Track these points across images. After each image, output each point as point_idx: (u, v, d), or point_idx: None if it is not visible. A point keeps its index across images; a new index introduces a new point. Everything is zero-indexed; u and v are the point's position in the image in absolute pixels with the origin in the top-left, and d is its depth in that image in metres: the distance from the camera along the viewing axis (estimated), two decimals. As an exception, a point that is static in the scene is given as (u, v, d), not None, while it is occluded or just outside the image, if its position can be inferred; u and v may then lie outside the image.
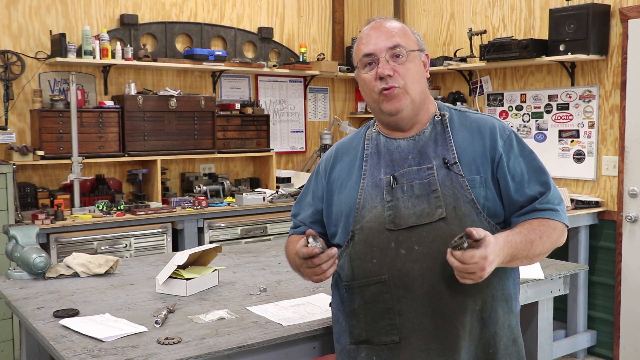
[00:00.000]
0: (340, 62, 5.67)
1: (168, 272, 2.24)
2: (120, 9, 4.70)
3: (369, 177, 1.73)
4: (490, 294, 1.66)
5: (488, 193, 1.65)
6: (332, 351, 1.99)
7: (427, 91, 1.76)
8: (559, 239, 1.67)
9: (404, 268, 1.62)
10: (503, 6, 4.88)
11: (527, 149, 1.71)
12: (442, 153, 1.68)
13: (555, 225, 1.65)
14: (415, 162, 1.69)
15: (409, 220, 1.63)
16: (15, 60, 4.28)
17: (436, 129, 1.73)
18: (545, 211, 1.65)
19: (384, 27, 1.71)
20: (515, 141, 1.70)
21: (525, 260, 1.61)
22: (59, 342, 1.77)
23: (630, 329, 4.16)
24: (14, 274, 2.49)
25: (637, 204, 4.14)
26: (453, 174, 1.65)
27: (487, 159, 1.67)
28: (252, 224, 4.73)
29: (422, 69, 1.73)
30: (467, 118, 1.75)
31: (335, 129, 5.66)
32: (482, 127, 1.71)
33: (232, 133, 4.97)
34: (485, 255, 1.45)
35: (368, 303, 1.68)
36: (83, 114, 4.28)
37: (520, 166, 1.68)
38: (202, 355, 1.69)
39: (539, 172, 1.69)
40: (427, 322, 1.62)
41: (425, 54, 1.75)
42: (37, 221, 3.79)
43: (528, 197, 1.66)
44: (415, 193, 1.65)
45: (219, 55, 4.87)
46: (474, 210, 1.62)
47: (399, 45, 1.67)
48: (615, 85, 4.24)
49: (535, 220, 1.64)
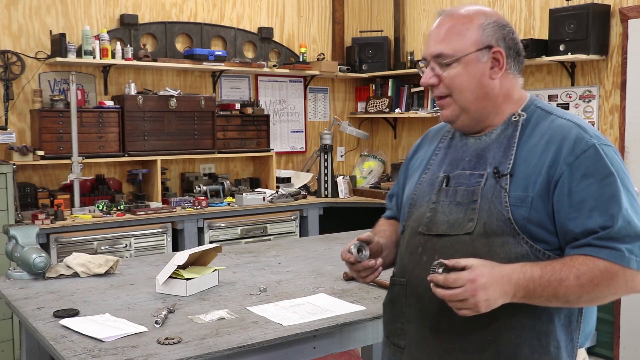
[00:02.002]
0: (340, 62, 5.67)
1: (168, 272, 2.24)
2: (120, 9, 4.70)
3: (430, 172, 1.63)
4: (510, 324, 1.44)
5: (532, 215, 1.42)
6: (332, 351, 1.99)
7: (495, 93, 1.53)
8: (617, 286, 1.37)
9: (421, 276, 1.51)
10: (503, 6, 4.88)
11: (607, 170, 1.40)
12: (500, 161, 1.50)
13: (609, 268, 1.35)
14: (471, 165, 1.55)
15: (440, 227, 1.52)
16: (15, 60, 4.28)
17: (507, 132, 1.54)
18: (600, 248, 1.36)
19: (441, 26, 1.55)
20: (593, 157, 1.41)
21: (555, 301, 1.37)
22: (59, 342, 1.77)
23: (630, 329, 4.16)
24: (14, 274, 2.48)
25: (637, 204, 4.14)
26: (498, 186, 1.46)
27: (544, 175, 1.43)
28: (252, 224, 4.73)
29: (484, 71, 1.52)
30: (549, 122, 1.51)
31: (335, 129, 5.66)
32: (554, 137, 1.46)
33: (232, 133, 4.97)
34: (472, 277, 1.32)
35: (391, 302, 1.64)
36: (83, 114, 4.28)
37: (587, 190, 1.39)
38: (202, 355, 1.69)
39: (611, 201, 1.38)
40: (428, 337, 1.53)
41: (495, 50, 1.51)
42: (37, 221, 3.79)
43: (585, 229, 1.38)
44: (457, 199, 1.52)
45: (219, 55, 4.87)
46: (509, 230, 1.43)
47: (442, 54, 1.52)
48: (615, 85, 4.24)
49: (581, 257, 1.37)
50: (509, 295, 1.36)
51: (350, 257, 1.57)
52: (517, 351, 1.44)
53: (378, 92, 5.80)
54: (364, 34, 5.94)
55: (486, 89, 1.53)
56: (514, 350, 1.44)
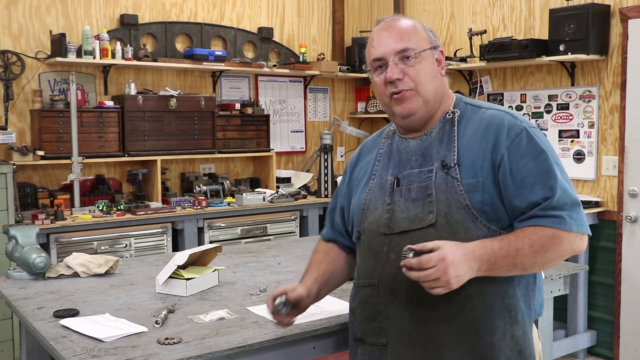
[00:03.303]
0: (340, 62, 5.67)
1: (168, 272, 2.24)
2: (120, 9, 4.70)
3: (377, 177, 1.72)
4: (484, 303, 1.57)
5: (486, 197, 1.56)
6: (332, 351, 1.99)
7: (443, 89, 1.69)
8: (563, 249, 1.53)
9: (392, 273, 1.61)
10: (503, 6, 4.88)
11: (539, 149, 1.57)
12: (444, 154, 1.62)
13: (555, 234, 1.51)
14: (418, 163, 1.66)
15: (401, 225, 1.61)
16: (15, 60, 4.28)
17: (444, 128, 1.66)
18: (545, 218, 1.52)
19: (392, 27, 1.66)
20: (525, 139, 1.57)
21: (514, 269, 1.52)
22: (59, 342, 1.77)
23: (630, 329, 4.16)
24: (14, 274, 2.48)
25: (637, 204, 4.14)
26: (450, 177, 1.58)
27: (488, 160, 1.57)
28: (252, 224, 4.73)
29: (436, 67, 1.67)
30: (480, 115, 1.66)
31: (335, 129, 5.66)
32: (489, 125, 1.61)
33: (232, 133, 4.97)
34: (442, 256, 1.42)
35: (363, 303, 1.71)
36: (83, 114, 4.28)
37: (527, 168, 1.55)
38: (202, 355, 1.69)
39: (547, 175, 1.54)
40: (411, 328, 1.61)
41: (439, 50, 1.69)
42: (37, 221, 3.79)
43: (530, 202, 1.53)
44: (412, 197, 1.62)
45: (219, 55, 4.88)
46: (469, 216, 1.55)
47: (408, 48, 1.62)
48: (615, 85, 4.24)
49: (530, 227, 1.52)
50: (474, 269, 1.48)
51: (271, 309, 1.72)
52: (493, 325, 1.58)
53: (378, 92, 5.79)
54: (364, 34, 5.94)
55: (439, 83, 1.68)
56: (491, 325, 1.58)
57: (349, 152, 6.03)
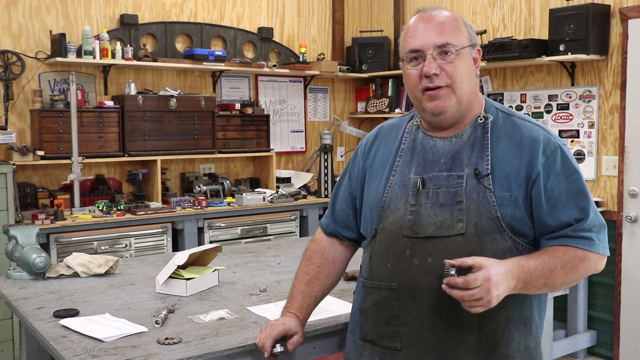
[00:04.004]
0: (340, 62, 5.67)
1: (168, 272, 2.24)
2: (120, 9, 4.70)
3: (399, 174, 1.65)
4: (504, 315, 1.56)
5: (517, 213, 1.53)
6: (332, 351, 1.99)
7: (476, 90, 1.64)
8: (589, 269, 1.56)
9: (414, 279, 1.56)
10: (503, 6, 4.88)
11: (572, 169, 1.56)
12: (476, 162, 1.57)
13: (585, 256, 1.53)
14: (447, 167, 1.59)
15: (427, 230, 1.55)
16: (15, 60, 4.28)
17: (476, 133, 1.61)
18: (576, 239, 1.52)
19: (434, 19, 1.58)
20: (559, 158, 1.55)
21: (544, 288, 1.52)
22: (59, 342, 1.77)
23: (630, 329, 4.16)
24: (14, 274, 2.48)
25: (637, 204, 4.14)
26: (482, 187, 1.54)
27: (522, 176, 1.54)
28: (252, 224, 4.73)
29: (472, 66, 1.61)
30: (514, 125, 1.61)
31: (335, 129, 5.66)
32: (524, 139, 1.57)
33: (232, 133, 4.97)
34: (487, 276, 1.39)
35: (377, 306, 1.65)
36: (83, 114, 4.28)
37: (560, 187, 1.54)
38: (202, 355, 1.69)
39: (580, 196, 1.54)
40: (429, 335, 1.57)
41: (477, 49, 1.63)
42: (37, 221, 3.79)
43: (562, 222, 1.53)
44: (439, 201, 1.56)
45: (219, 55, 4.87)
46: (497, 227, 1.53)
47: (449, 43, 1.55)
48: (615, 85, 4.24)
49: (562, 247, 1.52)
50: (511, 288, 1.46)
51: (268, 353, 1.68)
52: (510, 337, 1.58)
53: (378, 92, 5.80)
54: (364, 34, 5.94)
55: (473, 84, 1.63)
56: (508, 337, 1.57)
57: (349, 152, 6.03)
